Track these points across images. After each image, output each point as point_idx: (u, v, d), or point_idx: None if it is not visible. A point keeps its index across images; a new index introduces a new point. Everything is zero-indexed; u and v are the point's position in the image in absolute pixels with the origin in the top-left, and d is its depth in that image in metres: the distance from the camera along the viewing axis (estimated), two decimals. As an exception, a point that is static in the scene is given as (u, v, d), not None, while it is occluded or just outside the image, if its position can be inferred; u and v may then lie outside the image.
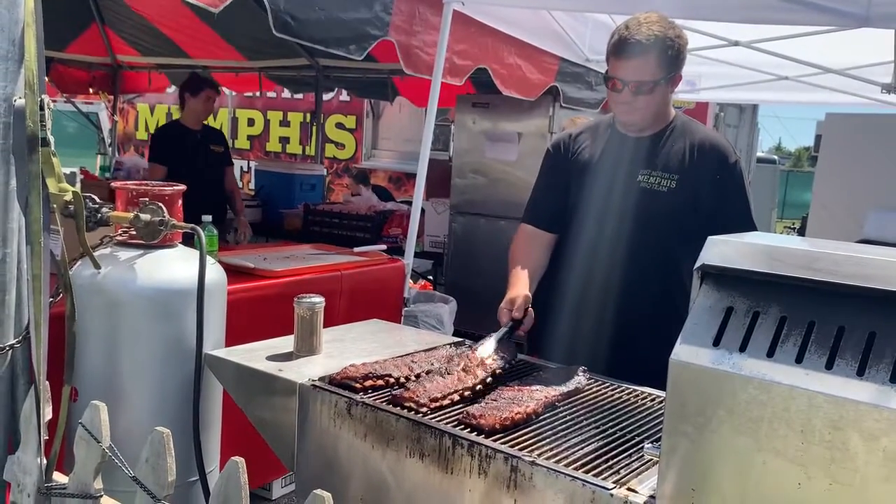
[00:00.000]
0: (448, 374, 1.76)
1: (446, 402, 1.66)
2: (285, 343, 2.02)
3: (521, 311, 2.06)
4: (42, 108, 1.55)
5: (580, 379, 1.84)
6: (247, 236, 4.94)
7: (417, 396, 1.64)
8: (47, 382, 1.62)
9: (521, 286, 2.16)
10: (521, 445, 1.46)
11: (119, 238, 1.98)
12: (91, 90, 7.48)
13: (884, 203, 5.36)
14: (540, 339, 2.31)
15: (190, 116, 4.75)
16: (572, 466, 1.38)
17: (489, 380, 1.77)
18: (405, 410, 1.61)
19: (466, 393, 1.71)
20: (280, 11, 2.94)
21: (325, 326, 2.04)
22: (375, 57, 4.12)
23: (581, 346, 2.18)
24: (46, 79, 1.63)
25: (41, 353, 1.58)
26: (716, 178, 2.18)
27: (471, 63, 4.17)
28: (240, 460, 1.31)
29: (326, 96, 7.90)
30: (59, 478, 1.66)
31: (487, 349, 1.89)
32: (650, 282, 2.20)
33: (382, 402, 1.66)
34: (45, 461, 1.63)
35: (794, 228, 12.36)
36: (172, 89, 8.01)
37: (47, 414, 1.63)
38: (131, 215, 1.92)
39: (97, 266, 1.87)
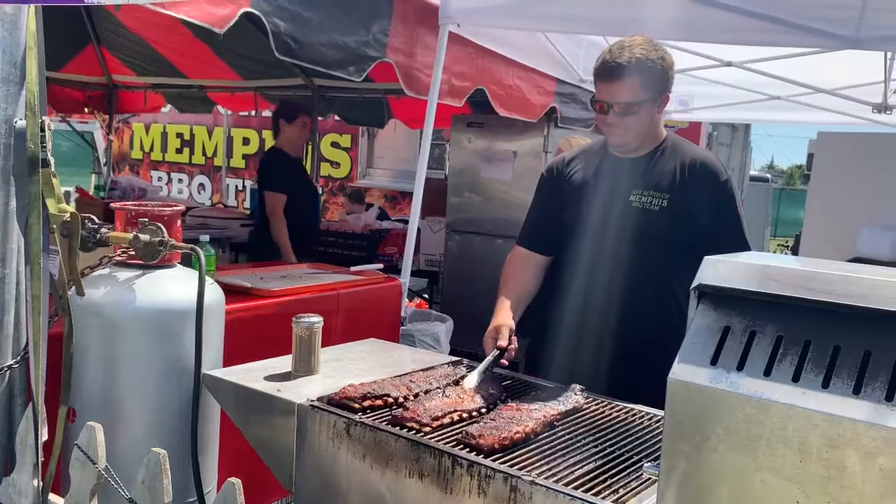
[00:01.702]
0: (446, 396, 1.78)
1: (447, 419, 1.67)
2: (283, 363, 2.02)
3: (506, 339, 2.09)
4: (42, 130, 1.56)
5: (578, 398, 1.84)
6: None
7: (419, 416, 1.64)
8: (44, 403, 1.62)
9: (505, 314, 2.20)
10: (521, 465, 1.47)
11: (118, 258, 1.98)
12: (86, 110, 7.49)
13: (876, 221, 5.41)
14: (537, 359, 2.32)
15: (287, 143, 4.69)
16: (571, 486, 1.39)
17: (483, 410, 1.78)
18: (406, 430, 1.61)
19: (465, 415, 1.72)
20: (281, 34, 2.97)
21: (322, 346, 2.04)
22: (371, 77, 4.15)
23: (578, 365, 2.19)
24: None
25: (39, 374, 1.58)
26: (708, 197, 2.20)
27: (470, 84, 4.21)
28: (237, 481, 1.31)
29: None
30: (54, 499, 1.66)
31: (472, 381, 1.91)
32: (645, 300, 2.21)
33: (381, 422, 1.66)
34: (40, 483, 1.63)
35: (788, 246, 12.41)
36: (168, 108, 8.05)
37: (44, 435, 1.63)
38: (130, 235, 1.93)
39: (81, 293, 1.84)
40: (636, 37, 2.20)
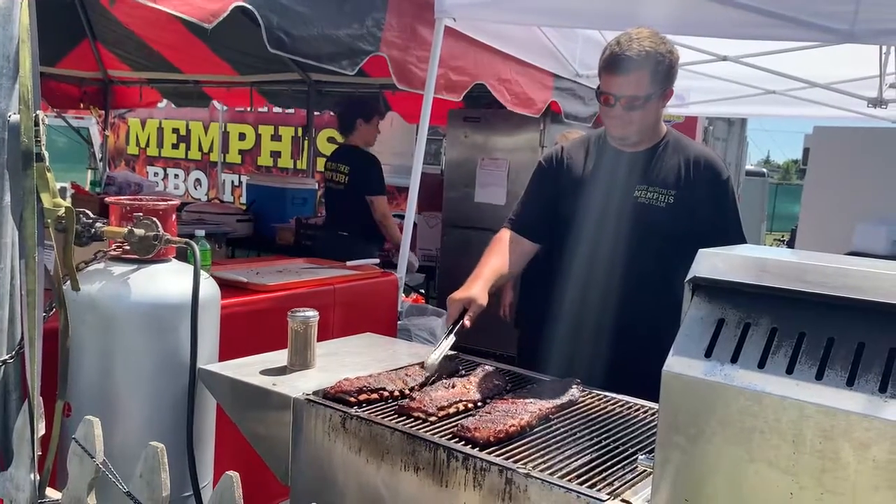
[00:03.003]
0: (452, 387, 1.80)
1: (452, 409, 1.70)
2: (279, 357, 2.02)
3: (471, 320, 2.05)
4: (37, 124, 1.56)
5: (574, 391, 1.85)
6: None
7: (425, 406, 1.66)
8: (40, 398, 1.61)
9: (480, 287, 2.14)
10: (516, 458, 1.47)
11: (113, 253, 1.98)
12: (82, 105, 7.47)
13: (872, 215, 5.41)
14: (534, 351, 2.32)
15: (362, 142, 4.78)
16: (567, 478, 1.39)
17: (488, 400, 1.79)
18: (409, 420, 1.63)
19: (470, 405, 1.74)
20: (274, 28, 2.95)
21: (318, 340, 2.04)
22: (367, 72, 4.14)
23: (579, 360, 2.19)
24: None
25: (35, 369, 1.58)
26: (710, 195, 2.21)
27: (468, 79, 4.19)
28: (234, 474, 1.31)
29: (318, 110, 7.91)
30: (51, 494, 1.66)
31: (433, 359, 1.93)
32: (648, 295, 2.21)
33: (379, 415, 1.66)
34: (37, 477, 1.63)
35: (783, 241, 12.43)
36: (164, 104, 8.02)
37: (40, 429, 1.63)
38: (125, 230, 1.92)
39: (76, 287, 1.82)
40: (643, 29, 2.18)
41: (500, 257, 2.31)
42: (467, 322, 2.04)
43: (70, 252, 1.76)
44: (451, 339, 2.01)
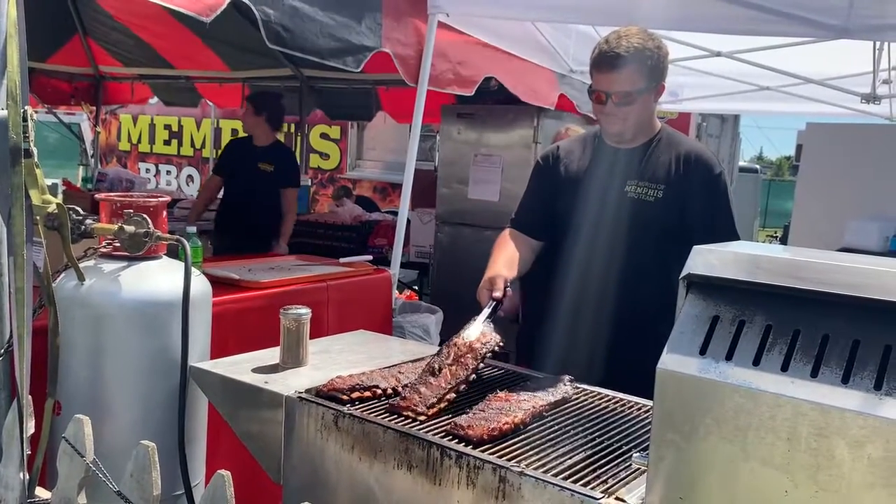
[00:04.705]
0: (439, 372, 1.77)
1: (443, 404, 1.68)
2: (271, 355, 2.01)
3: (501, 290, 2.05)
4: (25, 120, 1.54)
5: (567, 388, 1.84)
6: None
7: (415, 405, 1.65)
8: (30, 396, 1.60)
9: (499, 267, 2.17)
10: (510, 456, 1.46)
11: (103, 250, 1.96)
12: (73, 101, 7.43)
13: (864, 211, 5.43)
14: (532, 349, 2.32)
15: (253, 134, 4.90)
16: (560, 476, 1.38)
17: (481, 365, 1.78)
18: (401, 419, 1.62)
19: (462, 387, 1.73)
20: (271, 23, 2.94)
21: (311, 338, 2.03)
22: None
23: (573, 356, 2.19)
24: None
25: (24, 367, 1.56)
26: (702, 190, 2.22)
27: (477, 73, 4.19)
28: (226, 473, 1.30)
29: (312, 106, 7.88)
30: (41, 493, 1.64)
31: (475, 332, 1.89)
32: (640, 290, 2.22)
33: (371, 413, 1.65)
34: (27, 476, 1.61)
35: (776, 237, 12.46)
36: (155, 100, 7.99)
37: (30, 428, 1.62)
38: (115, 227, 1.90)
39: (82, 278, 1.85)
40: (631, 27, 2.22)
41: (508, 249, 2.31)
42: (497, 294, 2.03)
43: (69, 246, 1.74)
44: (487, 311, 1.98)
